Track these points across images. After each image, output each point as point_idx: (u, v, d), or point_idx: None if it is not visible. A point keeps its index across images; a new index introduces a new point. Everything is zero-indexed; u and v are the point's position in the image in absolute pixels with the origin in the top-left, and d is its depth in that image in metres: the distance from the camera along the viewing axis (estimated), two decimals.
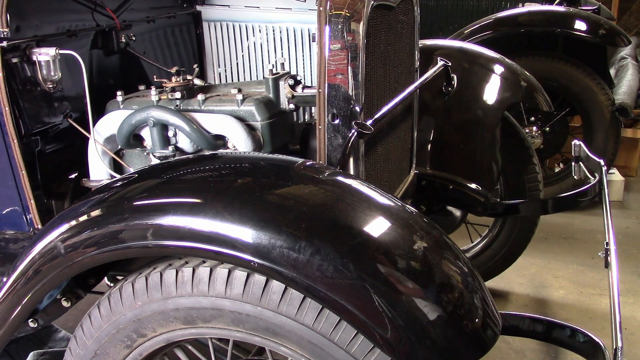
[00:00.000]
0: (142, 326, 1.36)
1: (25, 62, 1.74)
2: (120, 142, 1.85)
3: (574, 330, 1.56)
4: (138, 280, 1.34)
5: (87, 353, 1.43)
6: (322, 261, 1.13)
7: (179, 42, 2.51)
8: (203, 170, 1.38)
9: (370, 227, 1.20)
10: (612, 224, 1.93)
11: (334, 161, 1.60)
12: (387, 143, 1.93)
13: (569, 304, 2.97)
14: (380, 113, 1.68)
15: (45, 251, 1.38)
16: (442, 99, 2.40)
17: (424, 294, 1.16)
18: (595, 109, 3.68)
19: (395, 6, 1.84)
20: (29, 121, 1.76)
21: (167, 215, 1.24)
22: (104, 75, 2.16)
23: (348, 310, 1.13)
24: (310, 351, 1.23)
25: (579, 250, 3.47)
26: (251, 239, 1.16)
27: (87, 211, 1.37)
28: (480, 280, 1.26)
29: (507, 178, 2.65)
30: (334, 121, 1.58)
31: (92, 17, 2.06)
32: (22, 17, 1.74)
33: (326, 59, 1.54)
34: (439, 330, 1.14)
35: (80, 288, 1.61)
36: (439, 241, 1.26)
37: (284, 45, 2.46)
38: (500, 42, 3.52)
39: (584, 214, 3.74)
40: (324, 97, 1.57)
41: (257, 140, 1.80)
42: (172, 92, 1.85)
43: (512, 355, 2.57)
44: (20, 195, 1.78)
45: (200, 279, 1.27)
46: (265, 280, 1.21)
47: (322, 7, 1.52)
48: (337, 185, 1.30)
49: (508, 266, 2.90)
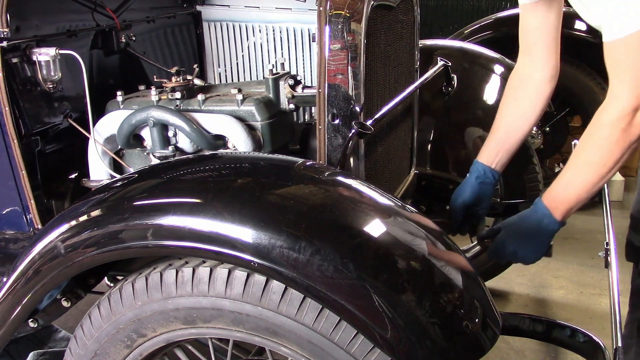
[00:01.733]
0: (142, 326, 1.36)
1: (25, 62, 1.74)
2: (120, 142, 1.85)
3: (574, 330, 1.57)
4: (138, 280, 1.34)
5: (87, 353, 1.43)
6: (322, 261, 1.13)
7: (179, 42, 2.51)
8: (203, 170, 1.38)
9: (370, 227, 1.20)
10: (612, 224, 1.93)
11: (334, 161, 1.60)
12: (387, 143, 1.93)
13: (569, 304, 2.97)
14: (380, 113, 1.68)
15: (45, 251, 1.38)
16: (442, 99, 2.40)
17: (424, 294, 1.16)
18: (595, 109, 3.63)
19: (395, 6, 1.84)
20: (29, 121, 1.76)
21: (167, 215, 1.24)
22: (104, 75, 2.16)
23: (348, 310, 1.13)
24: (310, 351, 1.23)
25: (579, 250, 3.47)
26: (251, 239, 1.16)
27: (87, 211, 1.37)
28: (480, 280, 1.26)
29: (507, 178, 2.65)
30: (334, 121, 1.57)
31: (92, 17, 2.06)
32: (22, 17, 1.74)
33: (326, 59, 1.54)
34: (439, 330, 1.14)
35: (80, 288, 1.61)
36: (439, 241, 1.26)
37: (284, 45, 2.46)
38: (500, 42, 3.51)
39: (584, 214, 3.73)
40: (324, 97, 1.57)
41: (257, 140, 1.80)
42: (172, 92, 1.85)
43: (512, 355, 2.57)
44: (20, 195, 1.78)
45: (200, 279, 1.27)
46: (265, 280, 1.21)
47: (322, 7, 1.52)
48: (337, 185, 1.30)
49: (508, 266, 2.90)
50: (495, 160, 1.94)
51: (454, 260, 1.23)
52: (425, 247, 1.21)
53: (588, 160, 1.54)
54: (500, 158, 1.94)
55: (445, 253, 1.24)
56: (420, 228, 1.25)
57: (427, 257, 1.20)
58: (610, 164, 1.51)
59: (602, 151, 1.50)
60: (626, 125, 1.45)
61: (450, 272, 1.21)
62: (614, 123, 1.46)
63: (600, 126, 1.50)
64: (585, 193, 1.57)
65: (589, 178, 1.55)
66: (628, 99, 1.44)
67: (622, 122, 1.45)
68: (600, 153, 1.51)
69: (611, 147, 1.48)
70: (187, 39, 2.54)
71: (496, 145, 1.93)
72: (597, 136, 1.51)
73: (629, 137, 1.46)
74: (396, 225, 1.24)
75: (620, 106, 1.45)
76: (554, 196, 1.62)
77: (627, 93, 1.44)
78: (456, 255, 1.25)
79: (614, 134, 1.46)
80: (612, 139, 1.47)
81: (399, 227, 1.24)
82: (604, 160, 1.51)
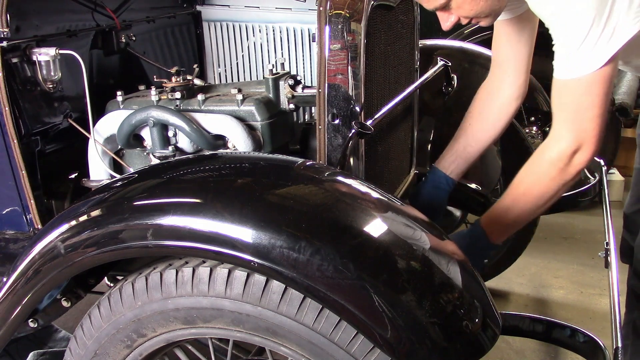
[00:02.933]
0: (142, 326, 1.36)
1: (25, 62, 1.74)
2: (120, 142, 1.85)
3: (574, 330, 1.56)
4: (138, 280, 1.34)
5: (87, 353, 1.43)
6: (322, 261, 1.13)
7: (179, 42, 2.51)
8: (203, 170, 1.38)
9: (370, 227, 1.20)
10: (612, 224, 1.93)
11: (334, 161, 1.60)
12: (387, 143, 1.93)
13: (569, 304, 2.97)
14: (380, 113, 1.68)
15: (45, 251, 1.38)
16: (442, 99, 2.40)
17: (424, 294, 1.16)
18: None
19: (395, 6, 1.84)
20: (29, 121, 1.76)
21: (167, 215, 1.24)
22: (104, 75, 2.16)
23: (348, 310, 1.13)
24: (310, 351, 1.23)
25: (579, 250, 3.47)
26: (251, 239, 1.16)
27: (87, 211, 1.37)
28: (481, 280, 1.26)
29: (507, 178, 2.65)
30: (334, 121, 1.57)
31: (92, 17, 2.06)
32: (22, 17, 1.74)
33: (326, 59, 1.54)
34: (439, 330, 1.14)
35: (80, 288, 1.61)
36: (439, 241, 1.26)
37: (284, 45, 2.46)
38: None
39: (584, 214, 3.74)
40: (324, 97, 1.57)
41: (257, 140, 1.80)
42: (172, 92, 1.85)
43: (512, 355, 2.57)
44: (20, 195, 1.78)
45: (200, 279, 1.27)
46: (265, 280, 1.21)
47: (322, 7, 1.52)
48: (337, 185, 1.30)
49: (508, 266, 2.90)
50: (451, 169, 1.99)
51: (454, 260, 1.23)
52: (425, 247, 1.21)
53: (526, 191, 1.63)
54: (456, 166, 2.00)
55: (445, 253, 1.24)
56: (420, 228, 1.25)
57: (427, 257, 1.20)
58: (546, 198, 1.61)
59: (539, 185, 1.59)
60: (564, 165, 1.53)
61: (450, 272, 1.21)
62: (553, 161, 1.54)
63: (541, 162, 1.58)
64: (521, 221, 1.67)
65: (526, 208, 1.64)
66: (568, 142, 1.51)
67: (561, 162, 1.53)
68: (538, 187, 1.60)
69: (548, 183, 1.57)
70: (187, 39, 2.54)
71: (454, 154, 1.99)
72: (537, 171, 1.60)
73: (564, 177, 1.55)
74: (396, 225, 1.24)
75: (562, 148, 1.52)
76: (492, 219, 1.70)
77: (568, 135, 1.51)
78: (456, 255, 1.25)
79: (552, 171, 1.55)
80: (550, 175, 1.56)
81: (398, 227, 1.24)
82: (541, 194, 1.60)
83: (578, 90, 1.47)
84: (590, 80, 1.44)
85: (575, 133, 1.50)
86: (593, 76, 1.44)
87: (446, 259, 1.22)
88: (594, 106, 1.47)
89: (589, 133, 1.49)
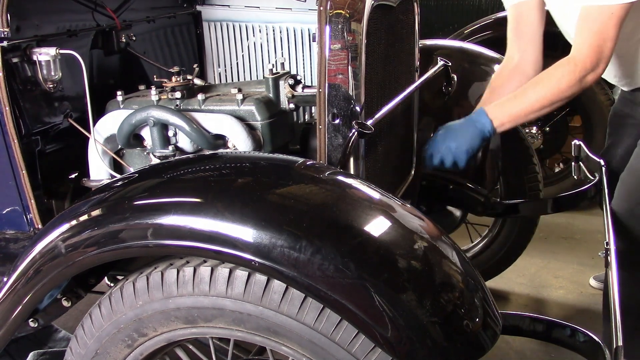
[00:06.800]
0: (143, 325, 1.36)
1: (25, 62, 1.74)
2: (121, 142, 1.85)
3: (574, 330, 1.56)
4: (139, 280, 1.34)
5: (87, 352, 1.43)
6: (323, 261, 1.13)
7: (179, 42, 2.51)
8: (203, 169, 1.38)
9: (370, 226, 1.20)
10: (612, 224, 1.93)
11: (334, 161, 1.60)
12: (387, 143, 1.93)
13: (569, 304, 2.97)
14: (380, 113, 1.68)
15: (46, 251, 1.38)
16: (442, 99, 2.40)
17: (424, 293, 1.16)
18: (595, 109, 3.67)
19: (395, 6, 1.84)
20: (29, 121, 1.76)
21: (167, 215, 1.24)
22: (104, 75, 2.16)
23: (349, 310, 1.13)
24: (311, 351, 1.23)
25: (579, 250, 3.47)
26: (252, 238, 1.16)
27: (87, 211, 1.37)
28: (481, 280, 1.26)
29: (507, 178, 2.65)
30: (334, 121, 1.57)
31: (92, 17, 2.06)
32: (22, 17, 1.74)
33: (326, 59, 1.54)
34: (439, 329, 1.14)
35: (80, 288, 1.61)
36: (440, 241, 1.26)
37: (284, 45, 2.46)
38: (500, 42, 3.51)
39: (584, 214, 3.74)
40: (324, 97, 1.57)
41: (257, 140, 1.81)
42: (172, 92, 1.85)
43: (512, 355, 2.57)
44: (20, 195, 1.78)
45: (201, 279, 1.27)
46: (266, 280, 1.21)
47: (322, 7, 1.52)
48: (338, 185, 1.30)
49: (508, 266, 2.90)
50: None
51: (454, 259, 1.23)
52: (425, 246, 1.21)
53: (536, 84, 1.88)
54: None
55: (445, 253, 1.24)
56: (421, 228, 1.25)
57: (428, 256, 1.20)
58: (554, 99, 1.86)
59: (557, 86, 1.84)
60: (581, 77, 1.82)
61: (450, 271, 1.21)
62: (575, 70, 1.81)
63: (562, 67, 1.84)
64: (523, 114, 1.90)
65: (531, 99, 1.87)
66: (590, 59, 1.81)
67: (581, 73, 1.81)
68: (551, 87, 1.85)
69: (562, 87, 1.84)
70: (187, 39, 2.54)
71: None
72: (553, 73, 1.86)
73: (580, 85, 1.83)
74: (396, 224, 1.24)
75: (583, 61, 1.81)
76: (497, 106, 1.92)
77: (590, 53, 1.80)
78: (457, 255, 1.25)
79: (572, 78, 1.82)
80: (568, 80, 1.83)
81: (399, 227, 1.24)
82: (551, 94, 1.85)
83: (604, 15, 1.77)
84: (613, 10, 1.76)
85: (596, 54, 1.80)
86: (616, 7, 1.76)
87: (447, 258, 1.23)
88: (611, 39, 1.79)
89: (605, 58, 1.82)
